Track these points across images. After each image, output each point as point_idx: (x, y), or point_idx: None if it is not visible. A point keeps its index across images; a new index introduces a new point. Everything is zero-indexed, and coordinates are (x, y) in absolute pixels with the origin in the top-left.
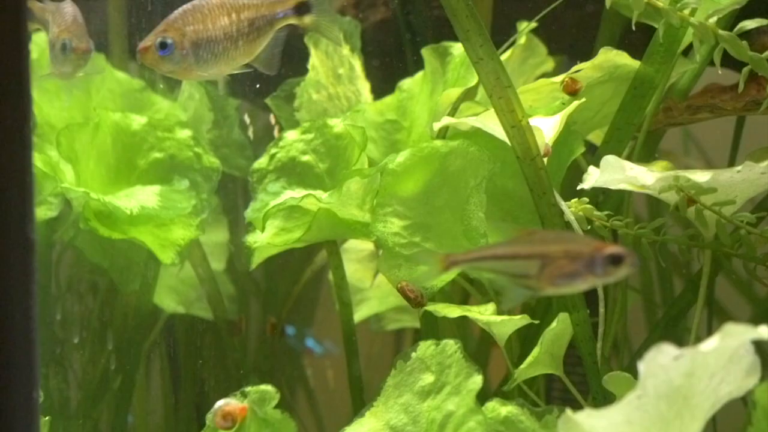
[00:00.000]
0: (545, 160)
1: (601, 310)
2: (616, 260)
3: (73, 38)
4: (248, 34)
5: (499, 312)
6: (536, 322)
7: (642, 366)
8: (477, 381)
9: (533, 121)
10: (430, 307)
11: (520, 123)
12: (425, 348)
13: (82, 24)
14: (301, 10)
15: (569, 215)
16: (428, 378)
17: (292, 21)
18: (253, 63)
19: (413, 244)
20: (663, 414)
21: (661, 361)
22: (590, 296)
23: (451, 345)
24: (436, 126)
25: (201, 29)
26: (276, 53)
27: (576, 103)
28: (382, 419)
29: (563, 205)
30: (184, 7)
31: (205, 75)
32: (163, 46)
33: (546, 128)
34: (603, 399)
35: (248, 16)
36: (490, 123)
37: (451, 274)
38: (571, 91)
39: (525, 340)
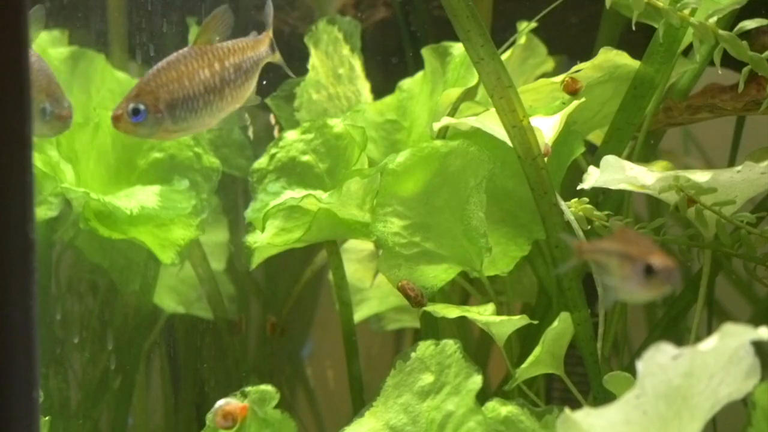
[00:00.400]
0: (545, 159)
1: (601, 310)
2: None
3: (53, 102)
4: (235, 80)
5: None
6: (535, 322)
7: (640, 365)
8: (477, 381)
9: (533, 121)
10: (429, 308)
11: (521, 123)
12: (425, 348)
13: (58, 83)
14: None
15: (569, 215)
16: (428, 378)
17: (272, 59)
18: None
19: (413, 244)
20: (662, 414)
21: (660, 360)
22: (590, 296)
23: (450, 345)
24: (436, 126)
25: (176, 88)
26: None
27: (576, 103)
28: (382, 419)
29: (563, 205)
30: (159, 64)
31: (188, 133)
32: (135, 112)
33: (546, 128)
34: (604, 399)
35: (234, 61)
36: (490, 123)
37: (451, 273)
38: (572, 90)
39: (525, 340)
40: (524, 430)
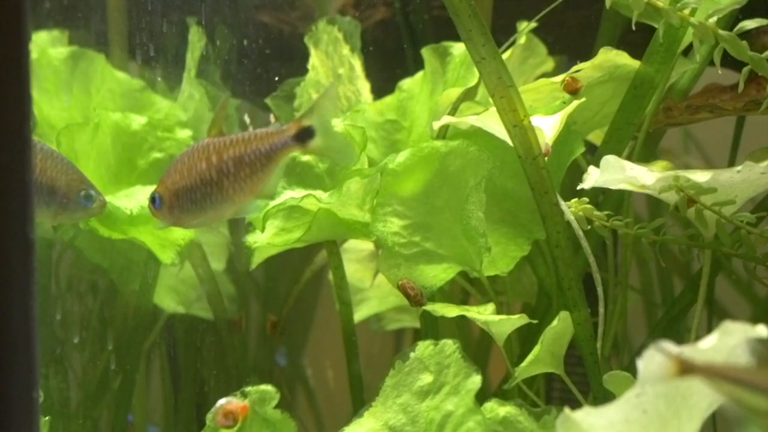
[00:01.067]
0: (545, 159)
1: (601, 310)
2: None
3: (91, 188)
4: (236, 173)
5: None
6: (535, 321)
7: (641, 363)
8: (476, 381)
9: (534, 121)
10: (429, 307)
11: (522, 122)
12: (424, 348)
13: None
14: (303, 136)
15: (569, 215)
16: (427, 378)
17: (296, 150)
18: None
19: (413, 244)
20: (661, 413)
21: (661, 359)
22: (590, 296)
23: (449, 345)
24: (436, 125)
25: (178, 179)
26: (275, 181)
27: (576, 102)
28: (381, 419)
29: (563, 204)
30: (180, 155)
31: (203, 224)
32: (153, 200)
33: (546, 128)
34: (604, 399)
35: (233, 154)
36: (491, 122)
37: (450, 273)
38: (572, 90)
39: (525, 340)
40: (522, 430)
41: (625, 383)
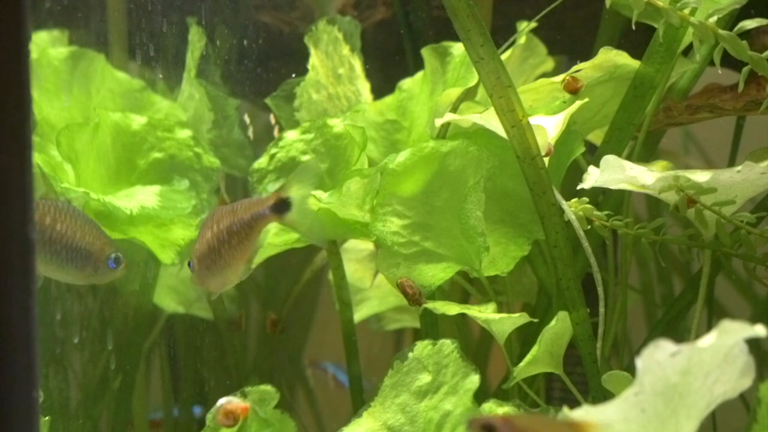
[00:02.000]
0: (546, 159)
1: (601, 309)
2: None
3: (118, 251)
4: (228, 241)
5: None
6: (536, 320)
7: (639, 362)
8: (474, 381)
9: (536, 120)
10: (430, 305)
11: (521, 122)
12: (422, 348)
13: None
14: (280, 208)
15: (570, 215)
16: (425, 378)
17: (273, 221)
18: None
19: (412, 243)
20: (659, 412)
21: (659, 357)
22: (590, 296)
23: (448, 345)
24: (439, 122)
25: (198, 246)
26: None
27: (579, 103)
28: (380, 419)
29: (564, 204)
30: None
31: (222, 285)
32: (189, 265)
33: (549, 127)
34: (603, 399)
35: (226, 223)
36: (494, 120)
37: (449, 272)
38: (572, 89)
39: (525, 340)
40: None
41: (624, 383)
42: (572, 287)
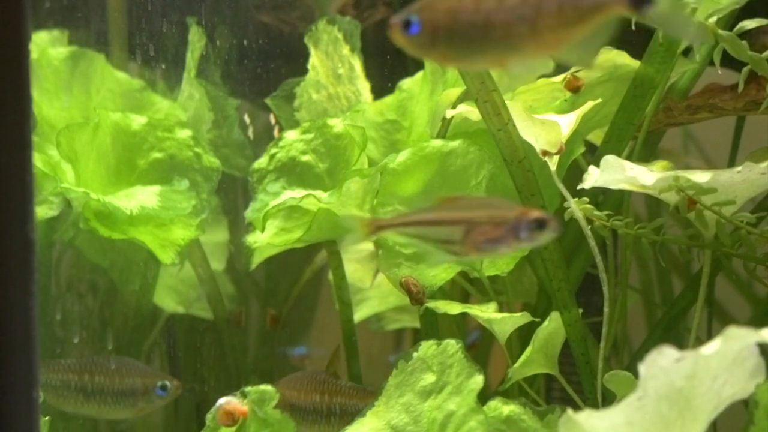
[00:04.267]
0: (556, 157)
1: (606, 309)
2: (539, 224)
3: (167, 379)
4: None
5: None
6: (537, 320)
7: (642, 368)
8: (478, 381)
9: (551, 118)
10: (431, 304)
11: (507, 126)
12: (427, 348)
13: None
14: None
15: (577, 213)
16: (429, 378)
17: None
18: None
19: (413, 243)
20: (664, 415)
21: (662, 363)
22: (591, 295)
23: (452, 345)
24: (450, 113)
25: None
26: None
27: (591, 103)
28: (384, 419)
29: (572, 202)
30: None
31: None
32: None
33: (561, 126)
34: (595, 399)
35: None
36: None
37: (450, 272)
38: (573, 88)
39: (525, 340)
40: (526, 429)
41: (626, 383)
42: (563, 288)
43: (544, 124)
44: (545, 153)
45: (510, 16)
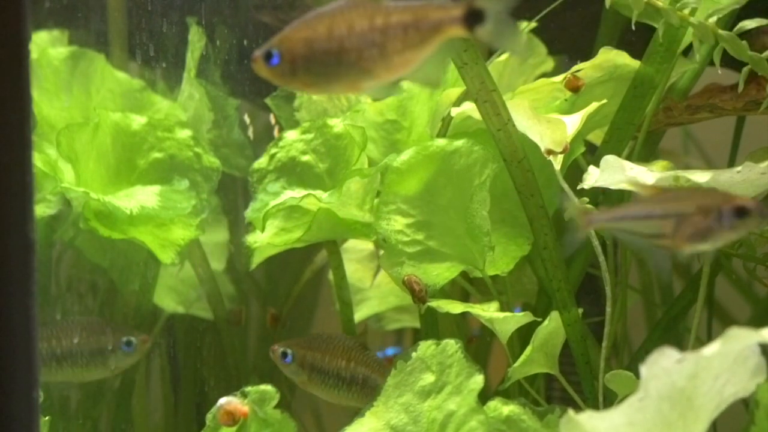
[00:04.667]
0: (561, 157)
1: (608, 309)
2: (741, 212)
3: (133, 334)
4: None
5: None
6: (539, 319)
7: (644, 369)
8: (478, 381)
9: (558, 116)
10: (434, 303)
11: (506, 126)
12: (426, 348)
13: None
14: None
15: (580, 211)
16: (429, 378)
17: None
18: None
19: (416, 242)
20: (665, 415)
21: (664, 364)
22: (593, 296)
23: (451, 345)
24: (455, 111)
25: None
26: None
27: (596, 104)
28: (383, 419)
29: (575, 200)
30: None
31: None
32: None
33: (567, 125)
34: (595, 399)
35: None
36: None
37: (453, 271)
38: (573, 87)
39: (525, 340)
40: (526, 429)
41: (627, 383)
42: (563, 288)
43: (550, 122)
44: (550, 152)
45: (360, 41)
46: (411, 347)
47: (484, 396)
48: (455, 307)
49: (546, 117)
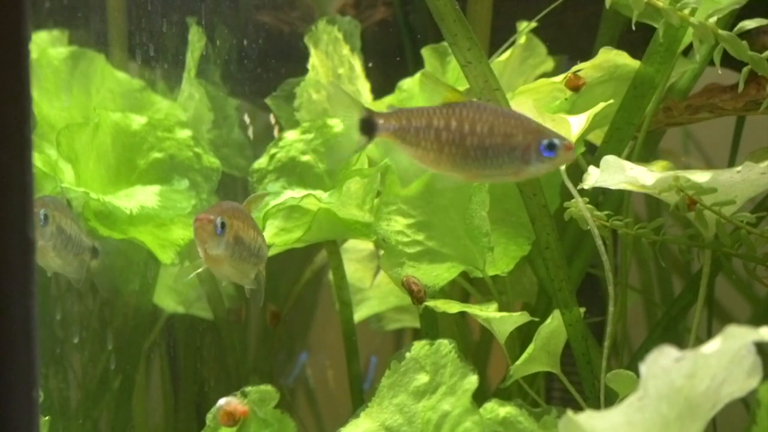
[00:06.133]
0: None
1: (611, 308)
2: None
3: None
4: None
5: None
6: (537, 319)
7: (643, 368)
8: (472, 381)
9: (562, 116)
10: (431, 303)
11: None
12: (419, 348)
13: None
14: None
15: (585, 213)
16: (423, 378)
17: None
18: None
19: (416, 243)
20: (664, 415)
21: (663, 363)
22: (594, 296)
23: (445, 345)
24: None
25: None
26: None
27: (602, 104)
28: (377, 420)
29: (580, 201)
30: None
31: None
32: None
33: (573, 125)
34: (596, 399)
35: None
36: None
37: (453, 272)
38: (574, 86)
39: (525, 340)
40: (522, 430)
41: (628, 382)
42: (564, 288)
43: (555, 121)
44: None
45: None
46: (405, 347)
47: (484, 396)
48: (452, 307)
49: (551, 116)
